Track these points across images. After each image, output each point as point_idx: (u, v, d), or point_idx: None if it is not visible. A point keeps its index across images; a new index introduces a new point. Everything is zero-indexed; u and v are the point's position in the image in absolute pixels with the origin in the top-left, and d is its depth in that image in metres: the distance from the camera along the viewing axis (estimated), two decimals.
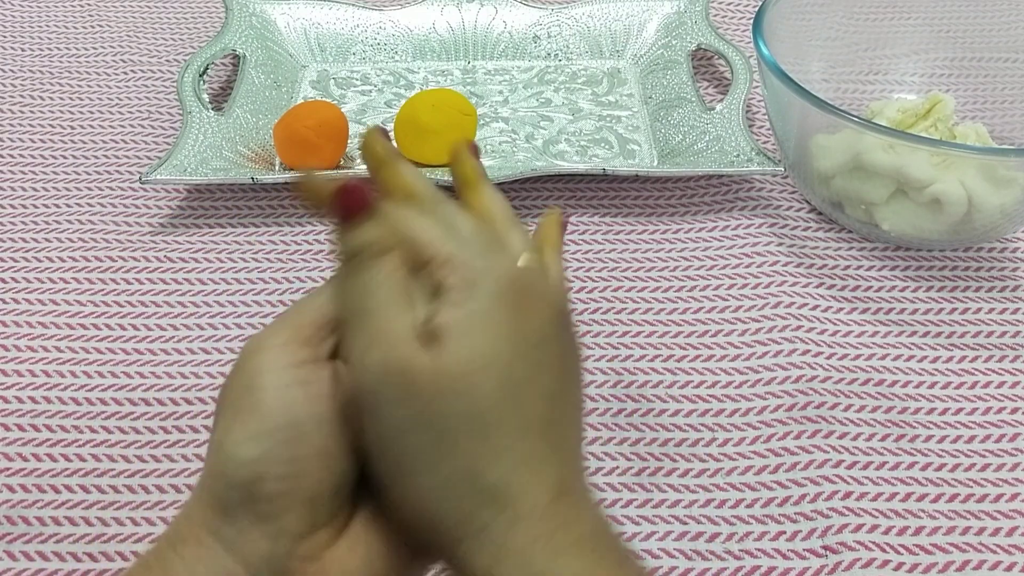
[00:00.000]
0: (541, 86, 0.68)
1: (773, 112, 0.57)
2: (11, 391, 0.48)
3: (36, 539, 0.42)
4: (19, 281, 0.54)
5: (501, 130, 0.64)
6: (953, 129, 0.57)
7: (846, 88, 0.63)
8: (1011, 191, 0.51)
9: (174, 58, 0.72)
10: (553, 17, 0.71)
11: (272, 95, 0.65)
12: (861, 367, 0.49)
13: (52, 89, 0.69)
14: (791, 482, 0.44)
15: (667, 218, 0.58)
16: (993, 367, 0.49)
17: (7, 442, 0.46)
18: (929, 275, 0.54)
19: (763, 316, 0.52)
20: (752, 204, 0.59)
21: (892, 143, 0.51)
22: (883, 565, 0.41)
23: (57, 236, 0.57)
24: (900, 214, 0.53)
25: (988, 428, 0.46)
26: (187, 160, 0.57)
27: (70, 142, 0.64)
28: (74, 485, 0.44)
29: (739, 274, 0.54)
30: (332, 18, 0.71)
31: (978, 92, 0.62)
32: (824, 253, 0.56)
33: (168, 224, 0.58)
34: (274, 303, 0.53)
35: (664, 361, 0.49)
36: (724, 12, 0.77)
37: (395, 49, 0.70)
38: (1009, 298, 0.53)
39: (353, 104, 0.66)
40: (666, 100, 0.65)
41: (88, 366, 0.49)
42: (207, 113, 0.61)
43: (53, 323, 0.52)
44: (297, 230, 0.57)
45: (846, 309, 0.52)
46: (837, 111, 0.49)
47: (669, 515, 0.43)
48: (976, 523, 0.42)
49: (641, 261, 0.55)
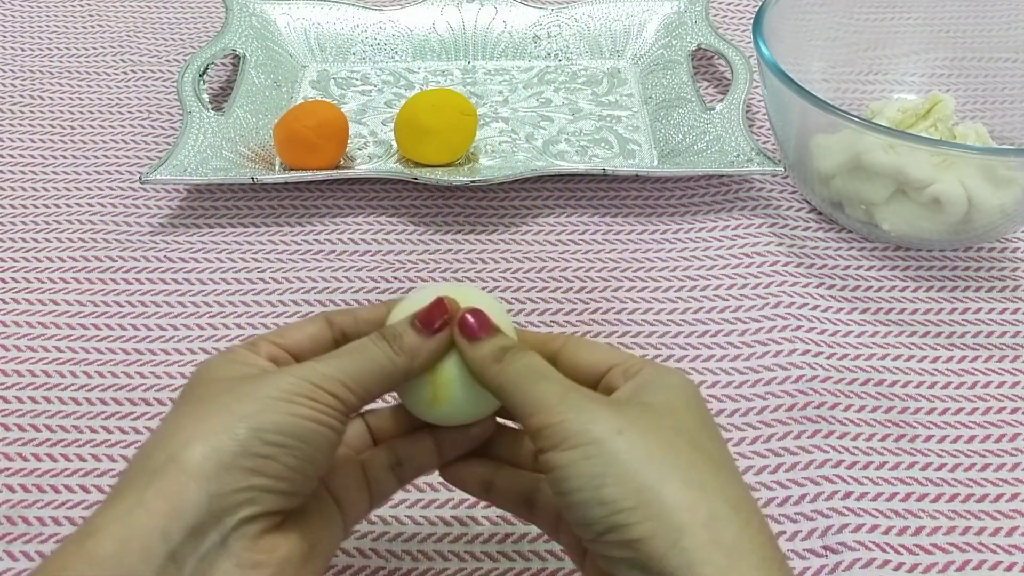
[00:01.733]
0: (541, 86, 0.68)
1: (773, 112, 0.57)
2: (11, 391, 0.48)
3: (36, 539, 0.42)
4: (19, 281, 0.54)
5: (501, 130, 0.64)
6: (953, 129, 0.57)
7: (846, 88, 0.63)
8: (1011, 191, 0.51)
9: (174, 58, 0.72)
10: (553, 17, 0.71)
11: (272, 95, 0.65)
12: (861, 367, 0.49)
13: (52, 89, 0.69)
14: (791, 482, 0.44)
15: (667, 218, 0.58)
16: (993, 367, 0.49)
17: (7, 442, 0.46)
18: (929, 275, 0.54)
19: (763, 316, 0.52)
20: (752, 204, 0.59)
21: (892, 143, 0.51)
22: (883, 565, 0.41)
23: (57, 236, 0.57)
24: (900, 214, 0.53)
25: (988, 428, 0.46)
26: (187, 160, 0.57)
27: (70, 142, 0.64)
28: (74, 485, 0.44)
29: (739, 274, 0.54)
30: (332, 18, 0.71)
31: (978, 92, 0.62)
32: (824, 253, 0.56)
33: (168, 224, 0.58)
34: (274, 303, 0.53)
35: (664, 361, 0.49)
36: (724, 12, 0.77)
37: (395, 49, 0.70)
38: (1009, 298, 0.53)
39: (353, 104, 0.66)
40: (666, 100, 0.65)
41: (88, 366, 0.49)
42: (207, 113, 0.61)
43: (53, 323, 0.52)
44: (297, 230, 0.57)
45: (846, 309, 0.52)
46: (837, 111, 0.49)
47: None
48: (976, 523, 0.42)
49: (641, 261, 0.55)
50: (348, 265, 0.55)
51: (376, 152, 0.62)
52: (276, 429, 0.29)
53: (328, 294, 0.53)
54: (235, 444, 0.28)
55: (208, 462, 0.27)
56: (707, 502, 0.27)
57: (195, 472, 0.27)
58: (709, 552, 0.26)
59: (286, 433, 0.29)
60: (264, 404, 0.29)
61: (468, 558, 0.41)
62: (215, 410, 0.29)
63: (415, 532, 0.42)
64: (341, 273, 0.55)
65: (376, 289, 0.54)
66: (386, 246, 0.56)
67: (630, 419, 0.29)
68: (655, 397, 0.30)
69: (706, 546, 0.26)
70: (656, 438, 0.28)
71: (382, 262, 0.55)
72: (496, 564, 0.41)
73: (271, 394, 0.29)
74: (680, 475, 0.27)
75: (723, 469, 0.29)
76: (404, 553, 0.41)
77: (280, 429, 0.29)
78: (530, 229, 0.57)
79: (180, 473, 0.27)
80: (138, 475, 0.28)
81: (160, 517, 0.26)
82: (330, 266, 0.55)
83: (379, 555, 0.41)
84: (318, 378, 0.30)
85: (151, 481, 0.27)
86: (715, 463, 0.29)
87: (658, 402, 0.30)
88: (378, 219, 0.58)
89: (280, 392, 0.29)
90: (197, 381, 0.32)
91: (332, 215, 0.58)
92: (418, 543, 0.42)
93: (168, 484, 0.27)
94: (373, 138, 0.63)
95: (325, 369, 0.31)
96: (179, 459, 0.27)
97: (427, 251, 0.56)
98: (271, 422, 0.29)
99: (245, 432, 0.28)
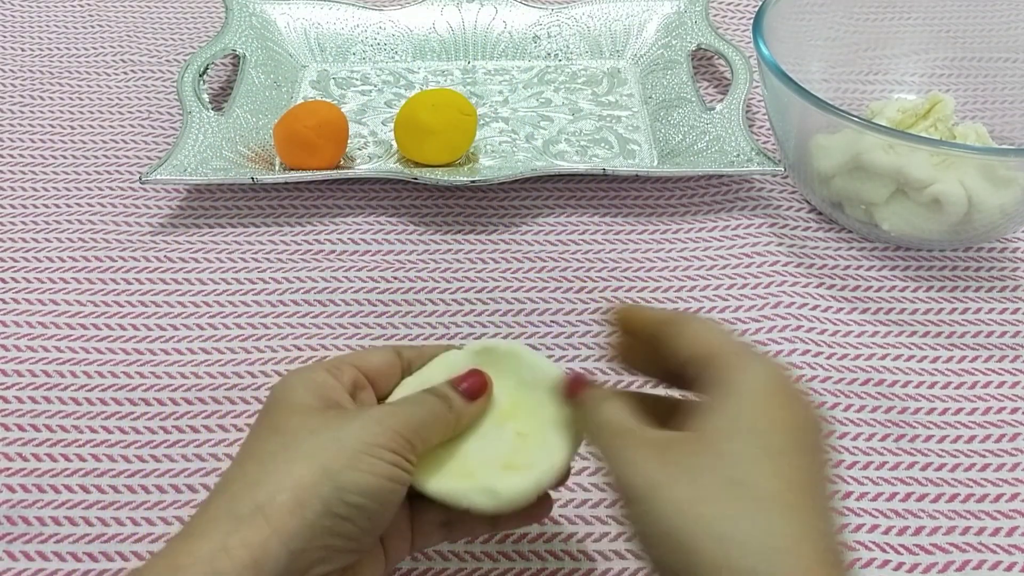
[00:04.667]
0: (541, 86, 0.68)
1: (773, 112, 0.57)
2: (11, 391, 0.48)
3: (36, 539, 0.42)
4: (19, 281, 0.54)
5: (501, 130, 0.64)
6: (953, 129, 0.57)
7: (846, 88, 0.63)
8: (1011, 191, 0.51)
9: (174, 58, 0.72)
10: (553, 17, 0.71)
11: (272, 95, 0.65)
12: (861, 367, 0.49)
13: (52, 89, 0.69)
14: None
15: (667, 218, 0.58)
16: (993, 367, 0.49)
17: (7, 442, 0.46)
18: (929, 275, 0.54)
19: (763, 316, 0.52)
20: (752, 204, 0.59)
21: (892, 143, 0.51)
22: (883, 565, 0.41)
23: (57, 236, 0.57)
24: (900, 214, 0.53)
25: (988, 428, 0.46)
26: (187, 160, 0.57)
27: (70, 142, 0.64)
28: (74, 485, 0.44)
29: (739, 274, 0.54)
30: (332, 18, 0.71)
31: (978, 92, 0.62)
32: (824, 253, 0.56)
33: (168, 224, 0.58)
34: (274, 303, 0.53)
35: None
36: (724, 12, 0.77)
37: (395, 49, 0.70)
38: (1009, 298, 0.53)
39: (353, 104, 0.66)
40: (666, 100, 0.65)
41: (88, 366, 0.49)
42: (207, 113, 0.61)
43: (53, 323, 0.52)
44: (297, 230, 0.57)
45: (846, 309, 0.52)
46: (837, 111, 0.49)
47: None
48: (976, 523, 0.42)
49: (641, 261, 0.55)
50: (348, 265, 0.55)
51: (376, 152, 0.62)
52: (358, 491, 0.29)
53: (328, 294, 0.53)
54: (320, 504, 0.29)
55: (293, 519, 0.28)
56: (739, 552, 0.25)
57: (279, 528, 0.28)
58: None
59: (366, 495, 0.30)
60: (349, 460, 0.30)
61: (468, 558, 0.41)
62: (301, 456, 0.30)
63: None
64: (341, 273, 0.55)
65: (376, 289, 0.54)
66: (386, 246, 0.56)
67: (672, 465, 0.27)
68: (717, 420, 0.28)
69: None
70: (693, 488, 0.27)
71: (382, 262, 0.55)
72: (496, 564, 0.41)
73: (356, 447, 0.30)
74: (712, 530, 0.26)
75: (766, 504, 0.26)
76: None
77: (362, 491, 0.29)
78: (530, 229, 0.57)
79: (265, 526, 0.28)
80: (224, 517, 0.29)
81: (244, 568, 0.27)
82: (330, 266, 0.55)
83: None
84: (398, 425, 0.31)
85: (237, 528, 0.28)
86: (757, 499, 0.26)
87: (718, 428, 0.28)
88: (378, 219, 0.58)
89: (363, 445, 0.30)
90: (278, 407, 0.32)
91: (332, 215, 0.58)
92: None
93: (253, 535, 0.28)
94: (373, 138, 0.63)
95: (403, 415, 0.32)
96: (266, 512, 0.28)
97: (427, 251, 0.56)
98: (354, 483, 0.29)
99: (329, 491, 0.29)
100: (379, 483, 0.30)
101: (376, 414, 0.32)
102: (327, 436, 0.30)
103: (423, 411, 0.33)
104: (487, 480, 0.33)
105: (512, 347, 0.37)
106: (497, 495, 0.33)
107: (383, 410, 0.32)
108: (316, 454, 0.30)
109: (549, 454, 0.34)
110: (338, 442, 0.30)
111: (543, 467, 0.33)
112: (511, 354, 0.37)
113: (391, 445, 0.31)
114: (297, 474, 0.29)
